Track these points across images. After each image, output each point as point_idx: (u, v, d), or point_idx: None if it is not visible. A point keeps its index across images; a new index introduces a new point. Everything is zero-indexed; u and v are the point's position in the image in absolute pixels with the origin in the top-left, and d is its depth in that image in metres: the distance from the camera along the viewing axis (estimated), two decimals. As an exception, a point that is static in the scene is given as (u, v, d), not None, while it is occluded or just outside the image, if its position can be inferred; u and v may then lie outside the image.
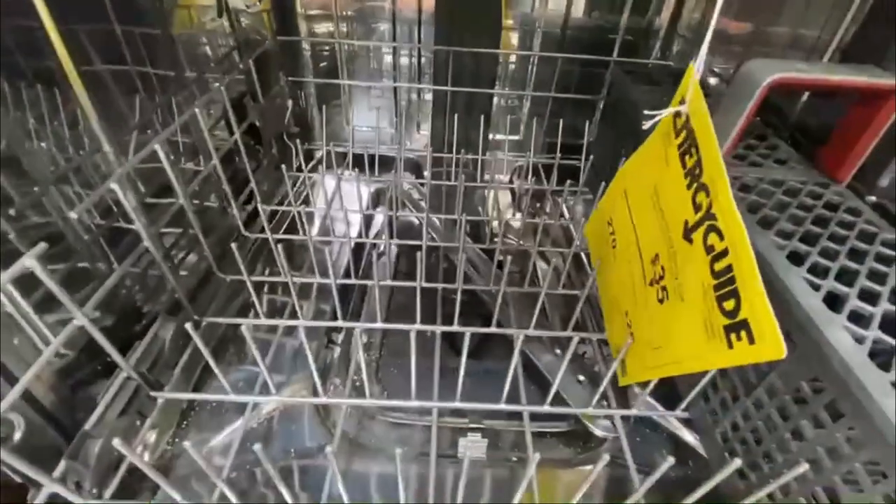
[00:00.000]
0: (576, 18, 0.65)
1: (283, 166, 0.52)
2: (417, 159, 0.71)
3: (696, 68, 0.27)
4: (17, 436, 0.30)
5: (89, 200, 0.31)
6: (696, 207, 0.27)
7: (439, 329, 0.43)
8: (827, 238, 0.31)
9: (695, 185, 0.27)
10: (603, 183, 0.43)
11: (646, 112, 0.30)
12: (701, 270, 0.25)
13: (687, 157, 0.28)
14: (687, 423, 0.42)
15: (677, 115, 0.29)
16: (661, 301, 0.30)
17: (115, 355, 0.33)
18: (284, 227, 0.57)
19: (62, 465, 0.30)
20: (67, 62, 0.37)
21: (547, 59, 0.65)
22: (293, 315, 0.45)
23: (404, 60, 0.70)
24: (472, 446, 0.39)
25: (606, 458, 0.26)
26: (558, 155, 0.62)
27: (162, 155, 0.38)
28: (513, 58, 0.68)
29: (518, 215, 0.68)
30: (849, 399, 0.24)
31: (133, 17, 0.48)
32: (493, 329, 0.43)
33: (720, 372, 0.34)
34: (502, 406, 0.38)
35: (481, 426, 0.42)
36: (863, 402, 0.23)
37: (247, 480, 0.38)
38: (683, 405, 0.38)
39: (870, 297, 0.28)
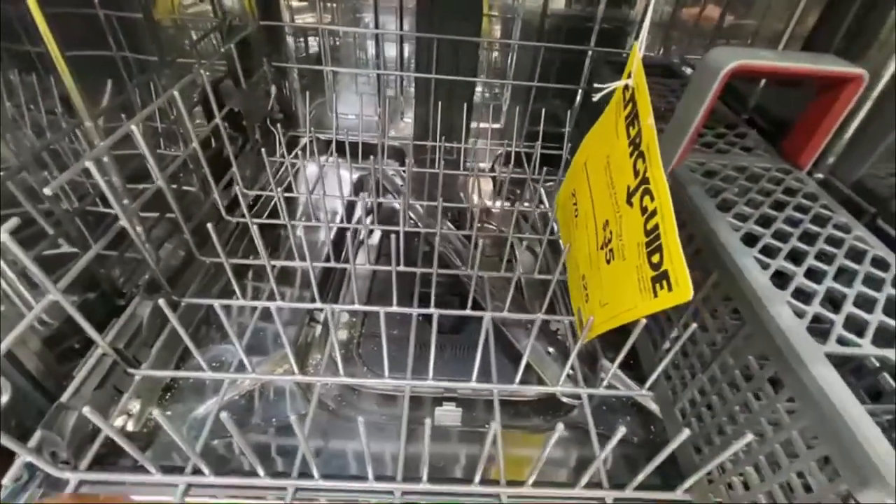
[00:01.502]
0: (556, 9, 0.65)
1: (264, 151, 0.52)
2: (401, 146, 0.72)
3: (638, 47, 0.28)
4: (4, 399, 0.32)
5: (63, 177, 0.32)
6: (636, 173, 0.29)
7: (415, 311, 0.44)
8: (782, 221, 0.32)
9: (636, 152, 0.29)
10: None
11: (595, 85, 0.31)
12: (637, 230, 0.28)
13: (631, 127, 0.30)
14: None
15: (626, 88, 0.31)
16: (608, 262, 0.33)
17: (91, 331, 0.34)
18: (267, 212, 0.57)
19: (37, 435, 0.31)
20: (52, 44, 0.37)
21: (528, 48, 0.65)
22: (272, 298, 0.46)
23: (390, 53, 0.71)
24: (447, 415, 0.40)
25: (560, 426, 0.28)
26: (539, 143, 0.63)
27: (138, 136, 0.38)
28: (495, 46, 0.69)
29: (498, 203, 0.69)
30: (787, 370, 0.25)
31: (115, 2, 0.48)
32: (461, 312, 0.44)
33: (682, 351, 0.35)
34: (472, 384, 0.39)
35: (455, 396, 0.44)
36: (798, 371, 0.24)
37: (226, 449, 0.39)
38: (648, 385, 0.39)
39: (817, 276, 0.29)
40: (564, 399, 0.44)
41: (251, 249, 0.57)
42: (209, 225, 0.38)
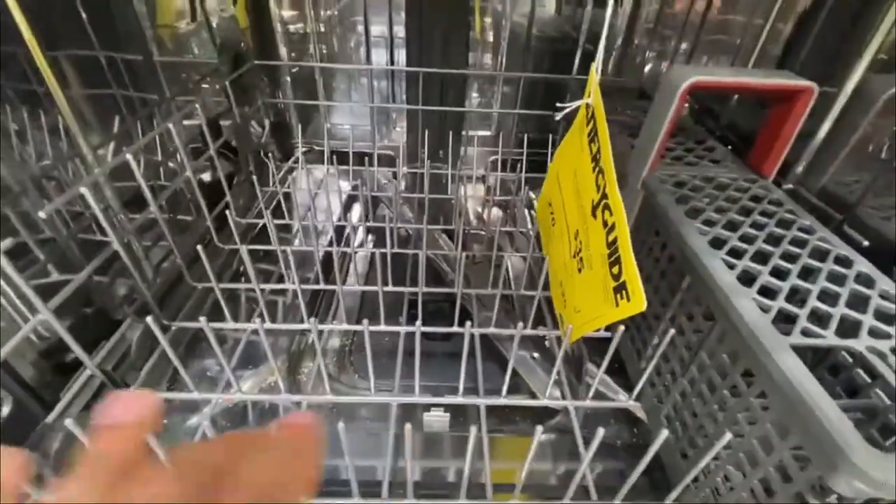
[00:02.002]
0: (542, 30, 0.69)
1: (255, 179, 0.54)
2: (394, 156, 0.74)
3: (595, 69, 0.30)
4: (6, 411, 0.32)
5: (58, 201, 0.33)
6: (598, 188, 0.31)
7: (402, 329, 0.44)
8: (748, 226, 0.34)
9: (597, 168, 0.31)
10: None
11: (557, 105, 0.33)
12: (600, 242, 0.30)
13: (592, 143, 0.32)
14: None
15: (587, 107, 0.33)
16: (580, 270, 0.34)
17: (80, 352, 0.35)
18: (256, 234, 0.59)
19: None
20: (54, 86, 0.40)
21: (517, 51, 0.70)
22: (265, 317, 0.46)
23: (384, 59, 0.73)
24: (436, 421, 0.40)
25: (539, 430, 0.28)
26: (525, 149, 0.66)
27: (133, 165, 0.40)
28: (487, 59, 0.72)
29: (493, 211, 0.71)
30: (756, 363, 0.25)
31: (115, 44, 0.51)
32: (445, 329, 0.44)
33: (663, 356, 0.36)
34: (458, 399, 0.39)
35: (444, 402, 0.43)
36: (765, 363, 0.24)
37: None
38: (634, 394, 0.39)
39: (781, 274, 0.30)
40: (550, 404, 0.43)
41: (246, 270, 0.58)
42: (199, 247, 0.40)
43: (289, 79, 0.73)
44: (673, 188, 0.38)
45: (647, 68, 0.71)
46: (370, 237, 0.67)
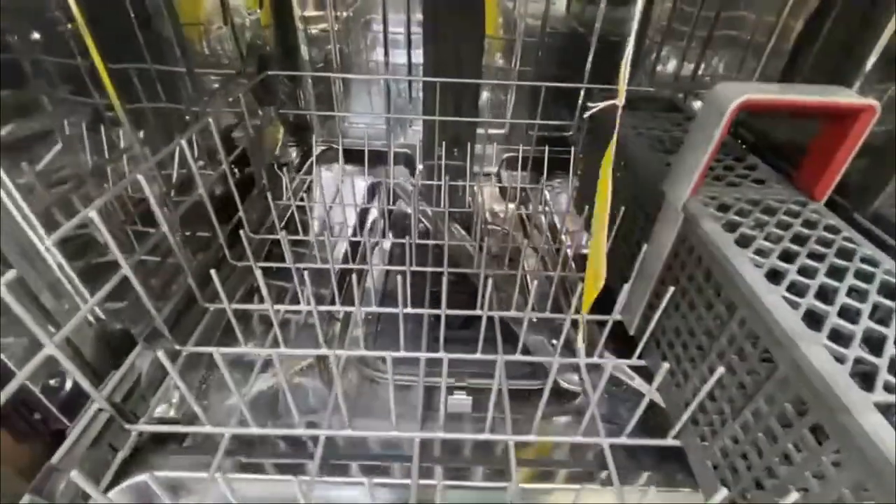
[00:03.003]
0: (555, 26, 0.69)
1: (269, 195, 0.52)
2: (411, 154, 0.75)
3: (624, 67, 0.30)
4: (69, 385, 0.36)
5: (68, 226, 0.31)
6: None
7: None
8: (805, 256, 0.31)
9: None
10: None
11: (588, 104, 0.35)
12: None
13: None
14: (640, 370, 0.45)
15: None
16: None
17: (87, 386, 0.33)
18: (271, 246, 0.57)
19: (25, 499, 0.29)
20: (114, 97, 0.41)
21: (531, 58, 0.71)
22: (275, 342, 0.44)
23: (401, 60, 0.74)
24: (458, 403, 0.43)
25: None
26: (535, 148, 0.67)
27: (145, 185, 0.38)
28: (499, 58, 0.73)
29: (509, 206, 0.73)
30: (831, 419, 0.23)
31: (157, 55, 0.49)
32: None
33: (709, 395, 0.33)
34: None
35: (465, 385, 0.45)
36: (845, 422, 0.22)
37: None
38: (675, 431, 0.37)
39: (850, 314, 0.27)
40: (563, 384, 0.46)
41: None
42: (212, 271, 0.38)
43: (310, 80, 0.75)
44: (717, 212, 0.35)
45: (660, 68, 0.71)
46: (390, 234, 0.68)
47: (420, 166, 0.68)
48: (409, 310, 0.46)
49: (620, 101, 0.30)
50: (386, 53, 0.72)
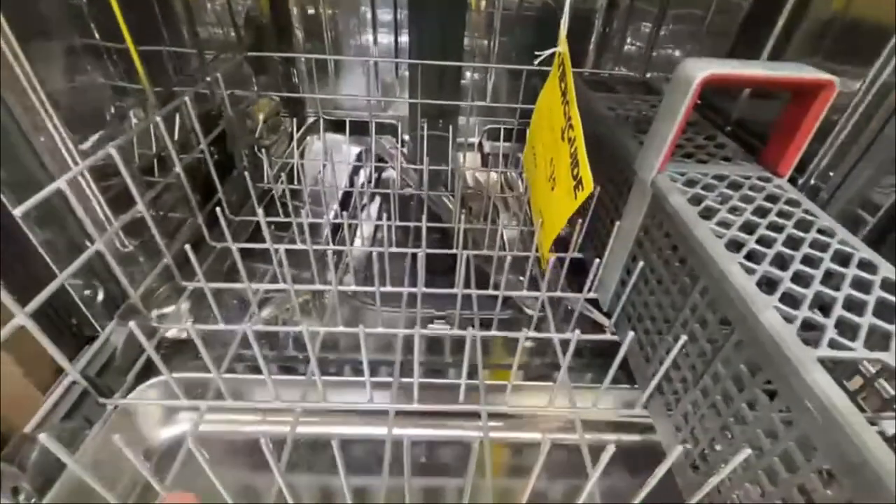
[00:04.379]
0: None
1: (247, 176, 0.52)
2: (397, 123, 0.80)
3: (563, 22, 0.37)
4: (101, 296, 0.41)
5: (36, 198, 0.31)
6: (565, 116, 0.39)
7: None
8: (765, 227, 0.32)
9: (564, 101, 0.40)
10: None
11: (536, 53, 0.41)
12: (566, 156, 0.38)
13: (562, 83, 0.40)
14: (594, 303, 0.49)
15: (559, 55, 0.41)
16: (552, 189, 0.42)
17: (61, 359, 0.33)
18: (255, 227, 0.57)
19: (-4, 468, 0.29)
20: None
21: (510, 27, 0.74)
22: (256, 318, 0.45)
23: (387, 40, 0.78)
24: (438, 329, 0.50)
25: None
26: (518, 120, 0.68)
27: (118, 159, 0.38)
28: (478, 32, 0.77)
29: (491, 174, 0.80)
30: (780, 377, 0.24)
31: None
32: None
33: (673, 363, 0.34)
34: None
35: (444, 315, 0.53)
36: (791, 378, 0.23)
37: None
38: (642, 401, 0.38)
39: (804, 280, 0.28)
40: (528, 311, 0.53)
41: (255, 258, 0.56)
42: (187, 247, 0.38)
43: (303, 58, 0.78)
44: (684, 187, 0.36)
45: (630, 50, 0.74)
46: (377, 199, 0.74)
47: (405, 136, 0.74)
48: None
49: (562, 48, 0.39)
50: (374, 32, 0.76)
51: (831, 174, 0.44)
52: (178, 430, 0.44)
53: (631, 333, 0.34)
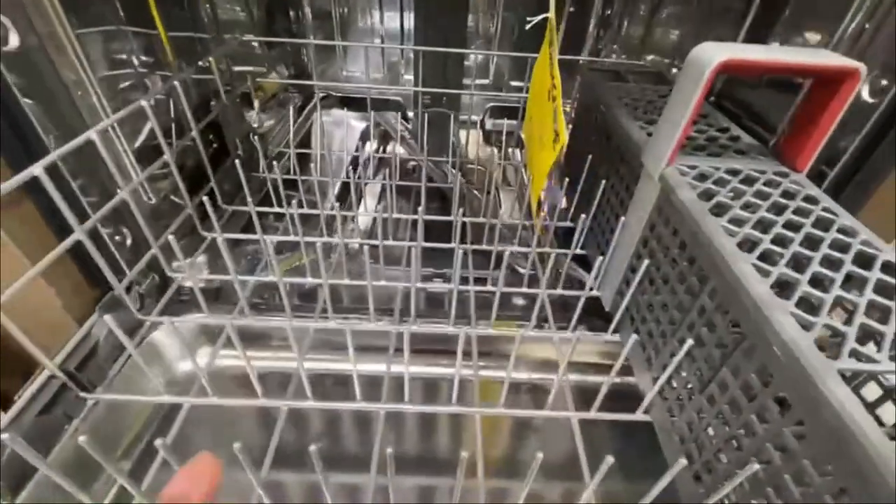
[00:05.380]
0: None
1: (238, 164, 0.51)
2: (403, 101, 0.82)
3: None
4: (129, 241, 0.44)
5: (14, 181, 0.30)
6: (552, 78, 0.42)
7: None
8: (781, 226, 0.30)
9: (550, 65, 0.42)
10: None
11: (527, 19, 0.43)
12: (550, 114, 0.41)
13: (550, 47, 0.43)
14: (580, 260, 0.51)
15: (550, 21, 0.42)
16: (541, 150, 0.45)
17: (36, 352, 0.31)
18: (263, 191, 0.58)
19: (-35, 466, 0.28)
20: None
21: (513, 5, 0.75)
22: (241, 311, 0.43)
23: (393, 24, 0.80)
24: (436, 287, 0.55)
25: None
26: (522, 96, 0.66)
27: (99, 144, 0.36)
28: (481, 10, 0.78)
29: (493, 150, 0.84)
30: (794, 389, 0.22)
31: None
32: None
33: (677, 369, 0.32)
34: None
35: (443, 273, 0.57)
36: (807, 390, 0.21)
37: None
38: (643, 407, 0.36)
39: (823, 284, 0.26)
40: (521, 270, 0.55)
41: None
42: (171, 237, 0.36)
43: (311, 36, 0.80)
44: (694, 181, 0.34)
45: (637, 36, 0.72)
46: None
47: (410, 113, 0.77)
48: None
49: (551, 13, 0.41)
50: (381, 12, 0.79)
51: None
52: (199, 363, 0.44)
53: (634, 336, 0.32)
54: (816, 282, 0.26)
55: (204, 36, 0.59)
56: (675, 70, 0.67)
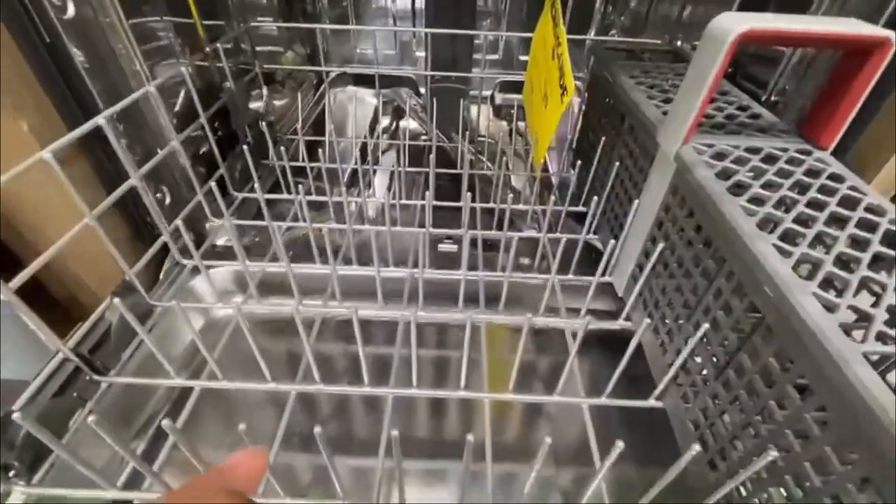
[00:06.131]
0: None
1: (246, 150, 0.50)
2: (415, 78, 0.84)
3: None
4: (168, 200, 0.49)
5: (18, 169, 0.30)
6: (555, 37, 0.44)
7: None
8: (804, 205, 0.28)
9: (555, 25, 0.45)
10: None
11: None
12: (555, 72, 0.42)
13: (552, 9, 0.46)
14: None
15: None
16: (545, 106, 0.46)
17: (49, 335, 0.32)
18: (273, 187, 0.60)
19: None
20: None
21: None
22: (249, 296, 0.43)
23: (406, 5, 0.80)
24: (447, 249, 0.56)
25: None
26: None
27: (108, 130, 0.36)
28: None
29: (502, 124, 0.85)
30: (817, 373, 0.21)
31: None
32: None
33: (692, 354, 0.32)
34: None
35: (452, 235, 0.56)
36: (831, 374, 0.20)
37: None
38: (657, 393, 0.35)
39: (848, 264, 0.25)
40: (530, 234, 0.54)
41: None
42: (179, 222, 0.36)
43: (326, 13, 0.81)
44: (712, 160, 0.33)
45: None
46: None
47: (422, 89, 0.79)
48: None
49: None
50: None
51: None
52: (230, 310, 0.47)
53: (647, 321, 0.31)
54: (842, 262, 0.25)
55: (220, 22, 0.59)
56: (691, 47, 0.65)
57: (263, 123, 0.61)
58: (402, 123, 0.81)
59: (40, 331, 0.31)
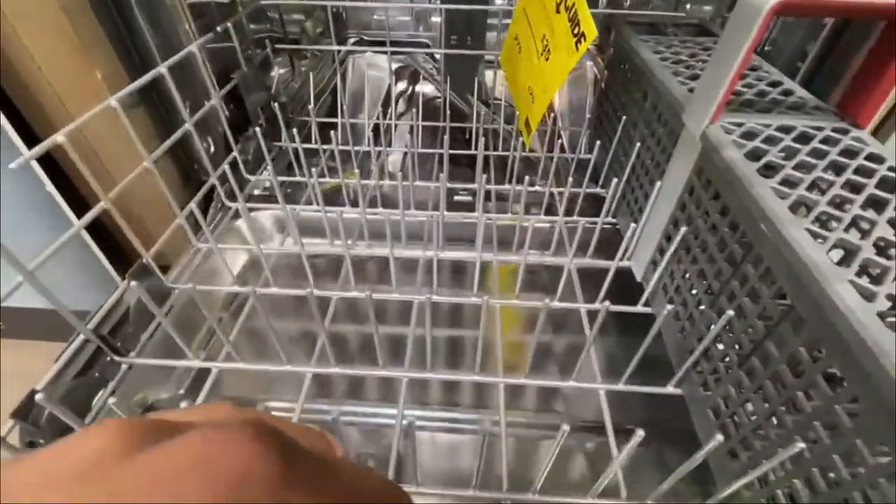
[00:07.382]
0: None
1: (258, 132, 0.50)
2: (430, 41, 0.83)
3: None
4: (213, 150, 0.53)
5: (36, 150, 0.30)
6: None
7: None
8: (840, 187, 0.27)
9: None
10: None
11: None
12: (564, 24, 0.39)
13: None
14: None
15: None
16: (547, 60, 0.43)
17: (70, 317, 0.32)
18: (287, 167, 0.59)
19: (9, 424, 0.29)
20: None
21: None
22: (266, 282, 0.43)
23: None
24: (463, 199, 0.58)
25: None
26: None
27: (121, 112, 0.36)
28: None
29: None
30: (851, 363, 0.20)
31: None
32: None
33: (714, 341, 0.31)
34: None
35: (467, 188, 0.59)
36: (867, 366, 0.19)
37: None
38: (676, 380, 0.34)
39: (886, 251, 0.23)
40: (539, 190, 0.55)
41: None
42: (193, 206, 0.36)
43: None
44: (741, 139, 0.31)
45: None
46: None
47: (438, 55, 0.79)
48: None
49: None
50: None
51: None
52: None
53: (669, 306, 0.30)
54: (879, 248, 0.24)
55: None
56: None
57: (294, 85, 0.61)
58: (419, 88, 0.82)
59: (62, 312, 0.31)
